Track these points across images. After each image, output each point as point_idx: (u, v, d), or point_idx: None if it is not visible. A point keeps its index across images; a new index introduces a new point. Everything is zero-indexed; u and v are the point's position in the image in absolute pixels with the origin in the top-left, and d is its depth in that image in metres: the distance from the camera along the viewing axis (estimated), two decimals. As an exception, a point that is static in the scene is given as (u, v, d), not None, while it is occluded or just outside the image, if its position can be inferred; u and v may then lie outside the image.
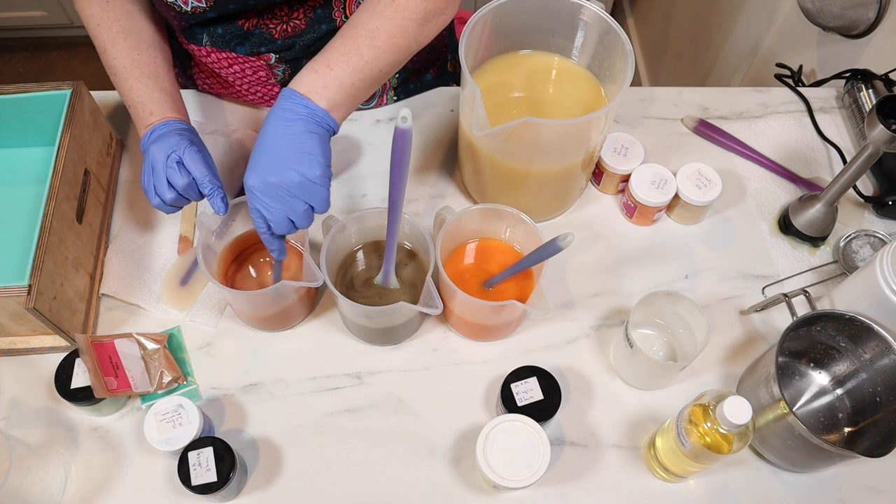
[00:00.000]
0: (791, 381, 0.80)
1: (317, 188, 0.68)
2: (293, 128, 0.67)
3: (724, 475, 0.77)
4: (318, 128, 0.68)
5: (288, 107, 0.68)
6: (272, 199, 0.68)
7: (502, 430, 0.70)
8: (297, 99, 0.68)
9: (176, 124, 0.77)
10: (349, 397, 0.80)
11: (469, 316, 0.80)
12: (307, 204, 0.69)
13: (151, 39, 0.83)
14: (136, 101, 0.79)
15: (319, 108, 0.68)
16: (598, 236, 0.92)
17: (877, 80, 1.02)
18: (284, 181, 0.67)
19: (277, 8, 0.83)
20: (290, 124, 0.67)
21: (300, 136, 0.67)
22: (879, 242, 0.91)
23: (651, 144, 0.98)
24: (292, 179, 0.67)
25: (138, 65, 0.80)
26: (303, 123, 0.67)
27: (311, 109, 0.68)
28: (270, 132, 0.68)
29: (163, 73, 0.82)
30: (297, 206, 0.68)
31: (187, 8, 0.80)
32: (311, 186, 0.67)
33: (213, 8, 0.80)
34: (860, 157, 0.82)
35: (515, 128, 0.72)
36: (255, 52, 0.88)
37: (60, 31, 2.36)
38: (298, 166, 0.67)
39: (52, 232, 0.74)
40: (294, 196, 0.68)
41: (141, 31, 0.83)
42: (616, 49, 0.81)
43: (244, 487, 0.75)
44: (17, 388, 0.80)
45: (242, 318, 0.83)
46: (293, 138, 0.67)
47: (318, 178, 0.67)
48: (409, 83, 1.03)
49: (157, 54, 0.83)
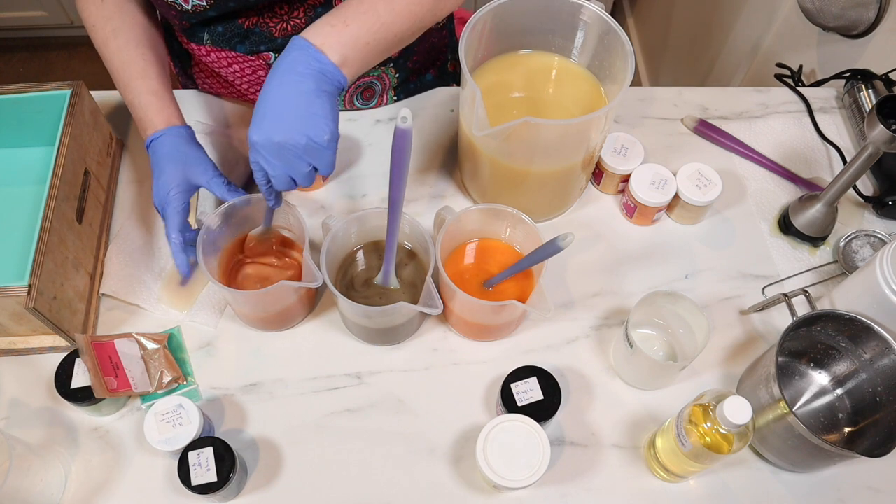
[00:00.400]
0: (791, 381, 0.80)
1: (324, 151, 0.66)
2: (303, 86, 0.64)
3: (724, 475, 0.77)
4: (328, 86, 0.65)
5: (300, 59, 0.65)
6: (276, 158, 0.66)
7: (502, 430, 0.70)
8: (310, 52, 0.65)
9: (164, 136, 0.79)
10: (349, 397, 0.80)
11: (469, 316, 0.80)
12: (311, 166, 0.67)
13: (142, 37, 0.83)
14: (131, 103, 0.81)
15: (331, 64, 0.65)
16: (598, 236, 0.92)
17: (877, 80, 1.02)
18: (290, 142, 0.64)
19: (278, 6, 0.83)
20: (300, 81, 0.64)
21: (309, 97, 0.64)
22: (879, 242, 0.91)
23: (651, 144, 0.98)
24: (299, 142, 0.64)
25: (128, 66, 0.81)
26: (313, 81, 0.64)
27: (322, 65, 0.65)
28: (278, 85, 0.65)
29: (152, 72, 0.82)
30: (300, 167, 0.66)
31: (188, 7, 0.80)
32: (318, 149, 0.65)
33: (213, 6, 0.80)
34: (860, 157, 0.82)
35: (515, 128, 0.72)
36: (255, 50, 0.88)
37: (60, 31, 2.36)
38: (307, 129, 0.64)
39: (52, 232, 0.74)
40: (299, 158, 0.66)
41: (132, 29, 0.83)
42: (616, 49, 0.81)
43: (244, 487, 0.75)
44: (17, 388, 0.80)
45: (242, 318, 0.83)
46: (302, 98, 0.64)
47: (326, 142, 0.65)
48: (409, 83, 1.02)
49: (147, 52, 0.83)
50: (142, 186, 0.94)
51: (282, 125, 0.64)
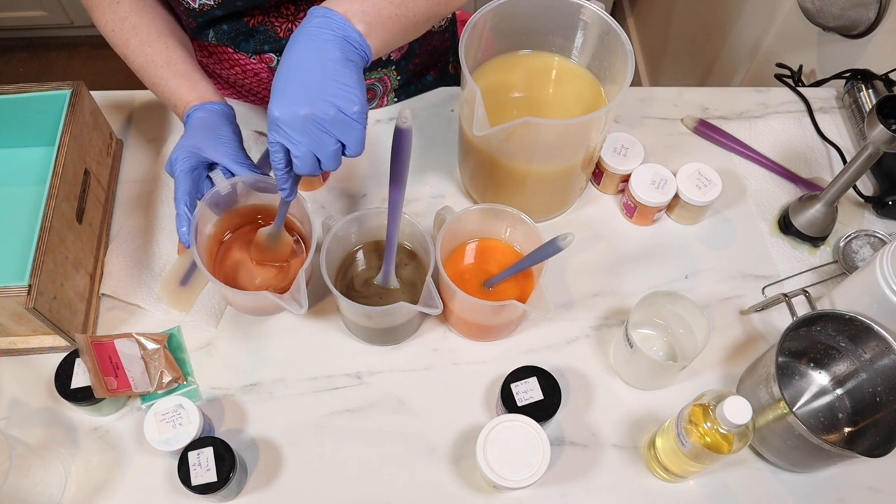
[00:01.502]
0: (791, 381, 0.80)
1: (353, 125, 0.60)
2: (329, 53, 0.59)
3: (724, 475, 0.77)
4: (355, 55, 0.61)
5: (323, 25, 0.60)
6: (301, 134, 0.59)
7: (502, 430, 0.70)
8: (334, 18, 0.60)
9: (200, 111, 0.74)
10: (349, 397, 0.80)
11: (469, 316, 0.80)
12: (339, 142, 0.61)
13: (162, 28, 0.80)
14: (162, 94, 0.78)
15: (357, 32, 0.61)
16: (598, 236, 0.92)
17: (877, 80, 1.02)
18: (318, 114, 0.58)
19: (284, 7, 0.83)
20: (325, 48, 0.60)
21: (336, 64, 0.59)
22: (879, 242, 0.91)
23: (651, 144, 0.98)
24: (327, 112, 0.58)
25: (152, 59, 0.78)
26: (339, 49, 0.60)
27: (348, 32, 0.61)
28: (300, 55, 0.60)
29: (177, 56, 0.78)
30: (328, 143, 0.60)
31: (195, 5, 0.79)
32: (347, 122, 0.60)
33: (220, 5, 0.80)
34: (860, 157, 0.82)
35: (515, 128, 0.72)
36: (258, 50, 0.87)
37: (60, 31, 2.36)
38: (335, 98, 0.58)
39: (52, 232, 0.74)
40: (326, 132, 0.60)
41: (151, 23, 0.80)
42: (616, 49, 0.81)
43: (244, 487, 0.75)
44: (17, 388, 0.80)
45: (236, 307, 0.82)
46: (329, 65, 0.59)
47: (356, 113, 0.59)
48: (409, 85, 1.03)
49: (169, 40, 0.79)
50: (142, 186, 0.94)
51: (307, 96, 0.59)
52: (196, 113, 0.75)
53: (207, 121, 0.74)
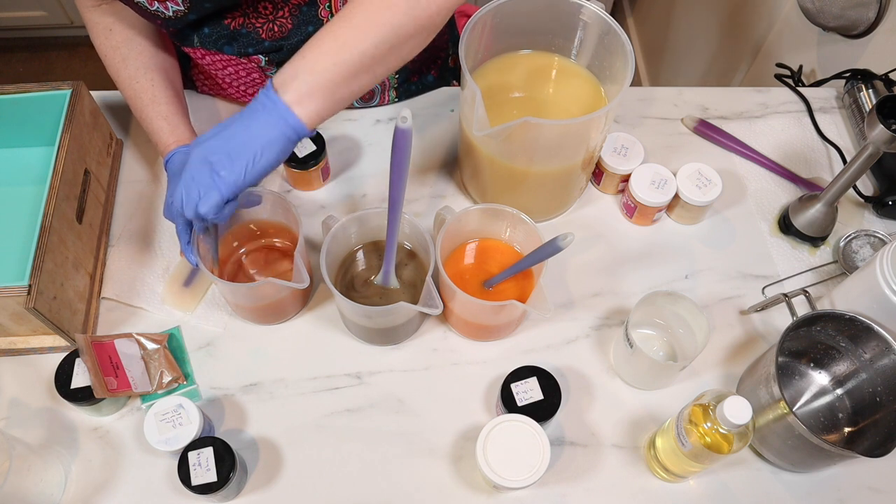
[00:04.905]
0: (791, 381, 0.80)
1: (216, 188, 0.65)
2: (253, 126, 0.65)
3: (724, 475, 0.77)
4: (279, 128, 0.65)
5: (257, 98, 0.65)
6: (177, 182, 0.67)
7: (502, 430, 0.70)
8: (266, 92, 0.65)
9: (178, 154, 0.79)
10: (349, 397, 0.80)
11: (469, 316, 0.80)
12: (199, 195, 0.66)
13: (149, 63, 0.84)
14: (147, 131, 0.84)
15: (281, 102, 0.64)
16: (598, 236, 0.92)
17: (877, 80, 1.02)
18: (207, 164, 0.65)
19: (261, 6, 0.82)
20: (250, 119, 0.65)
21: (252, 133, 0.64)
22: (879, 242, 0.91)
23: (651, 144, 0.98)
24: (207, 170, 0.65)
25: (139, 95, 0.83)
26: (261, 122, 0.64)
27: (274, 103, 0.64)
28: (234, 124, 0.66)
29: (161, 97, 0.83)
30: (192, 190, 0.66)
31: (169, 13, 0.79)
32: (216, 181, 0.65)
33: (191, 10, 0.79)
34: (860, 157, 0.82)
35: (515, 128, 0.72)
36: (243, 52, 0.87)
37: (60, 31, 2.36)
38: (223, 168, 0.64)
39: (52, 232, 0.74)
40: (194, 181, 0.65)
41: (139, 56, 0.84)
42: (616, 49, 0.81)
43: (244, 487, 0.75)
44: (17, 388, 0.80)
45: (234, 308, 0.83)
46: (245, 134, 0.65)
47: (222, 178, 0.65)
48: (409, 83, 1.02)
49: (156, 76, 0.84)
50: (142, 186, 0.94)
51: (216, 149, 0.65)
52: (175, 157, 0.80)
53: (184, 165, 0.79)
